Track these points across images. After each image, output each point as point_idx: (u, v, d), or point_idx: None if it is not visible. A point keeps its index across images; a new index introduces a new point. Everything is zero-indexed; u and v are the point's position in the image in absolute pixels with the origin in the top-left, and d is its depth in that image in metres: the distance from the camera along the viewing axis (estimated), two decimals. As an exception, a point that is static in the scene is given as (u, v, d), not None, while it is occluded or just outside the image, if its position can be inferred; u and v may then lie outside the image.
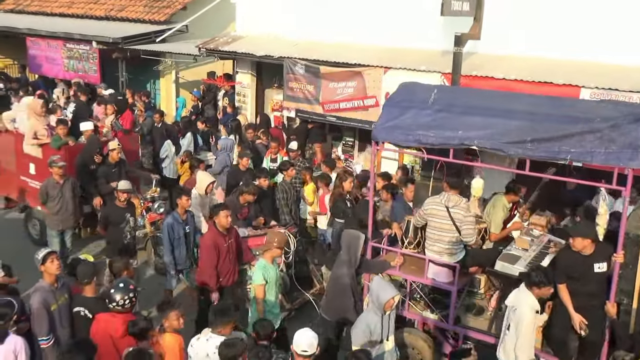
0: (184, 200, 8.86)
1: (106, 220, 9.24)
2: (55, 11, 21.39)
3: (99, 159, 10.84)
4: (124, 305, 6.04)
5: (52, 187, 9.90)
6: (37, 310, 6.39)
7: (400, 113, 7.09)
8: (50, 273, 6.62)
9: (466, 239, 7.25)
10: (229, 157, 13.37)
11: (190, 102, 17.23)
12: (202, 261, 8.07)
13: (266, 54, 14.37)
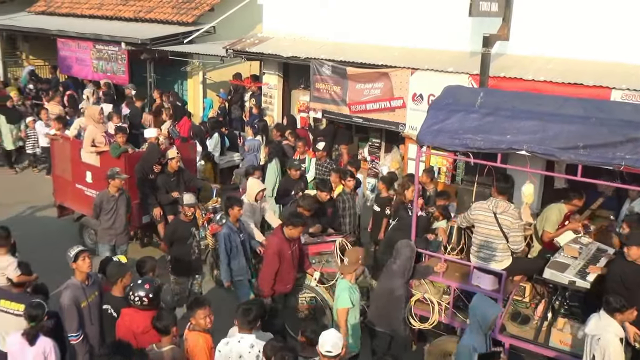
0: (235, 210, 8.32)
1: (172, 237, 8.45)
2: (85, 13, 21.01)
3: (158, 168, 10.17)
4: (142, 302, 5.96)
5: (107, 201, 9.18)
6: (68, 307, 6.29)
7: (446, 117, 6.60)
8: (81, 271, 6.52)
9: (514, 246, 6.74)
10: (256, 158, 12.98)
11: (217, 103, 16.79)
12: (263, 266, 7.64)
13: (293, 55, 13.89)
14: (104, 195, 9.25)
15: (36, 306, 5.96)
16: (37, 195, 13.60)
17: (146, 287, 5.99)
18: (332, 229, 9.30)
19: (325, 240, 8.51)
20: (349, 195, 9.79)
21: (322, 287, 8.10)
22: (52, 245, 10.98)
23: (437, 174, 11.80)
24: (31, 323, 5.91)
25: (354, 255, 6.68)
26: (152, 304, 6.01)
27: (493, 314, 5.55)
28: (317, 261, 8.29)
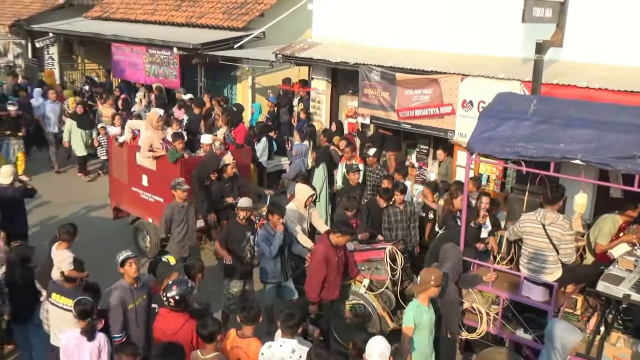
0: (275, 218, 8.33)
1: (226, 239, 8.52)
2: (139, 18, 21.46)
3: (215, 175, 10.21)
4: (169, 303, 6.01)
5: (178, 212, 9.21)
6: (114, 307, 6.49)
7: (497, 124, 6.49)
8: (129, 275, 6.65)
9: (565, 258, 6.58)
10: (304, 163, 13.00)
11: (266, 107, 16.91)
12: (310, 273, 7.62)
13: (342, 61, 13.88)
14: (175, 207, 9.22)
15: (85, 303, 6.13)
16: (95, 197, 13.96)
17: (174, 289, 6.03)
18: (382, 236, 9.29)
19: (375, 248, 8.47)
20: (397, 209, 9.61)
21: (371, 295, 8.07)
22: (106, 246, 11.18)
23: (486, 182, 11.66)
24: (86, 319, 6.05)
25: (426, 276, 6.37)
26: (179, 305, 6.03)
27: (574, 341, 5.35)
28: (367, 268, 8.25)
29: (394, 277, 8.26)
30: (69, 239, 7.81)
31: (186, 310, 6.10)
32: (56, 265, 7.56)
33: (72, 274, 7.03)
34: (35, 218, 11.71)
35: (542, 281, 6.66)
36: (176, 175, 9.92)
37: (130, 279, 6.63)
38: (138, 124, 11.56)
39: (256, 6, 18.33)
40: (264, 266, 8.37)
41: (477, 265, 7.31)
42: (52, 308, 6.78)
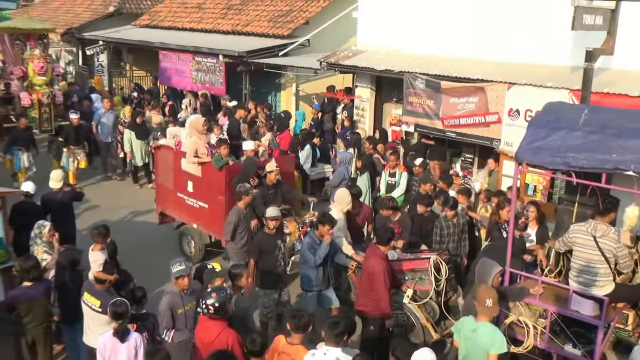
0: (325, 229, 8.22)
1: (259, 249, 8.51)
2: (186, 26, 21.79)
3: (255, 181, 10.23)
4: (208, 310, 5.98)
5: (243, 217, 9.24)
6: (163, 311, 6.67)
7: (547, 134, 6.35)
8: (180, 286, 6.81)
9: (625, 270, 6.39)
10: (347, 170, 12.97)
11: (310, 114, 16.94)
12: (378, 287, 7.43)
13: (386, 68, 13.84)
14: (240, 212, 9.24)
15: (120, 304, 6.25)
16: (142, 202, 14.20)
17: (213, 296, 6.00)
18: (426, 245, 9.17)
19: (419, 257, 8.38)
20: (450, 222, 9.37)
21: (415, 305, 7.98)
22: (152, 251, 11.43)
23: (533, 192, 11.46)
24: (118, 321, 6.17)
25: (484, 295, 6.09)
26: (218, 313, 6.00)
27: None
28: (410, 278, 8.17)
29: (438, 288, 8.16)
30: (102, 240, 7.98)
31: (224, 318, 6.08)
32: (91, 266, 7.74)
33: (99, 276, 7.15)
34: (84, 222, 11.92)
35: (592, 295, 6.48)
36: (221, 182, 10.01)
37: (179, 286, 6.75)
38: (178, 131, 11.70)
39: (301, 14, 18.40)
40: (306, 274, 8.33)
41: (524, 277, 7.16)
42: (85, 307, 6.97)
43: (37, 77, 15.14)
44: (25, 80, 15.22)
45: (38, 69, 15.09)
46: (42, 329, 7.42)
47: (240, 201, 9.30)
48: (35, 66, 15.10)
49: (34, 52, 15.26)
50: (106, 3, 26.03)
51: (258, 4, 20.41)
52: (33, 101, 15.13)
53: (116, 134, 15.93)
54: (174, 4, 24.24)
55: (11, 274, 8.38)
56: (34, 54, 15.24)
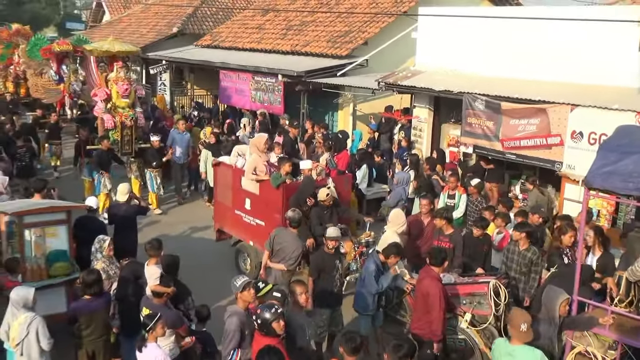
0: (392, 260, 8.12)
1: (317, 268, 8.37)
2: (246, 46, 22.10)
3: (311, 201, 10.15)
4: (258, 326, 5.99)
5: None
6: (233, 332, 6.50)
7: (619, 158, 6.09)
8: (245, 300, 6.72)
9: None
10: (405, 191, 12.82)
11: (367, 134, 16.87)
12: (432, 310, 7.29)
13: (445, 89, 13.68)
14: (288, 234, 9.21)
15: (148, 317, 6.38)
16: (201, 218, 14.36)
17: (260, 312, 6.02)
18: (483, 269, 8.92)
19: (478, 281, 8.16)
20: (516, 248, 8.95)
21: (473, 330, 7.75)
22: (208, 267, 11.50)
23: (596, 217, 11.06)
24: (143, 331, 6.28)
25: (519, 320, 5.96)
26: (262, 330, 6.00)
27: None
28: (468, 302, 7.96)
29: (498, 313, 7.91)
30: (156, 254, 8.05)
31: (274, 335, 6.00)
32: (148, 281, 7.80)
33: (157, 289, 7.19)
34: (145, 236, 12.10)
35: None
36: (278, 200, 10.00)
37: (244, 305, 6.68)
38: (245, 149, 11.76)
39: (360, 34, 18.42)
40: (365, 297, 8.18)
41: (593, 306, 6.85)
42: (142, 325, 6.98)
43: (120, 100, 14.94)
44: (109, 102, 14.99)
45: (122, 91, 14.89)
46: (101, 341, 7.52)
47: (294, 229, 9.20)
48: (120, 88, 14.89)
49: (119, 74, 15.05)
50: (170, 24, 26.68)
51: (317, 25, 20.55)
52: (116, 123, 14.85)
53: (189, 156, 15.76)
54: (235, 25, 24.68)
55: (74, 286, 8.56)
56: (119, 76, 15.03)
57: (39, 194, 10.23)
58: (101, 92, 14.94)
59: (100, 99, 14.90)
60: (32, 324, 6.76)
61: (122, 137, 14.93)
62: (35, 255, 8.48)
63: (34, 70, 18.47)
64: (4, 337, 6.93)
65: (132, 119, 14.93)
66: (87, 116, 17.60)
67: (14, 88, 20.25)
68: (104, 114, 14.92)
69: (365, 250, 10.08)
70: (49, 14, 54.38)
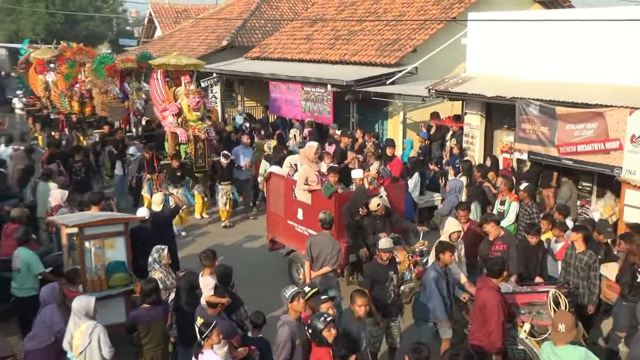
0: (447, 255, 8.06)
1: (370, 279, 8.33)
2: (295, 57, 22.26)
3: (364, 211, 10.18)
4: (308, 334, 6.06)
5: None
6: (284, 342, 6.55)
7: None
8: (295, 310, 6.79)
9: None
10: (457, 198, 12.65)
11: (418, 142, 16.76)
12: (490, 321, 7.16)
13: (497, 95, 13.48)
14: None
15: (204, 325, 6.47)
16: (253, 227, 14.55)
17: (313, 322, 6.07)
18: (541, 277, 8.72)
19: (537, 290, 7.98)
20: (573, 252, 8.82)
21: (532, 340, 7.58)
22: (260, 276, 11.59)
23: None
24: (199, 339, 6.39)
25: (558, 320, 6.00)
26: (314, 340, 6.07)
27: None
28: (527, 312, 7.79)
29: None
30: (210, 264, 8.14)
31: (326, 344, 6.05)
32: (202, 291, 7.87)
33: (211, 300, 7.28)
34: (199, 246, 12.31)
35: None
36: (331, 209, 10.01)
37: (296, 315, 6.76)
38: (296, 159, 11.84)
39: (409, 42, 18.33)
40: (426, 305, 8.10)
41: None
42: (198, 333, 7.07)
43: (191, 113, 14.79)
44: (180, 117, 14.87)
45: (193, 104, 14.74)
46: (159, 349, 7.65)
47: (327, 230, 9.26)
48: (191, 102, 14.74)
49: (190, 87, 14.99)
50: (220, 37, 27.10)
51: (366, 34, 20.56)
52: (189, 137, 14.80)
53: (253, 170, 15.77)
54: (284, 36, 24.90)
55: (132, 297, 8.75)
56: (189, 90, 14.94)
57: (96, 207, 10.51)
58: (172, 107, 14.78)
59: (172, 113, 14.78)
60: (94, 332, 6.93)
61: (196, 151, 14.88)
62: (95, 266, 8.73)
63: (99, 88, 18.75)
64: (67, 347, 7.12)
65: (205, 132, 14.87)
66: (153, 133, 17.69)
67: (79, 107, 20.56)
68: (176, 128, 14.82)
69: (419, 259, 10.00)
70: (103, 31, 56.00)
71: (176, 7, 41.76)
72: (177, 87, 15.07)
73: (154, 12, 40.94)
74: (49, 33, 46.56)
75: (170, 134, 15.06)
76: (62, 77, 21.30)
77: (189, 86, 15.00)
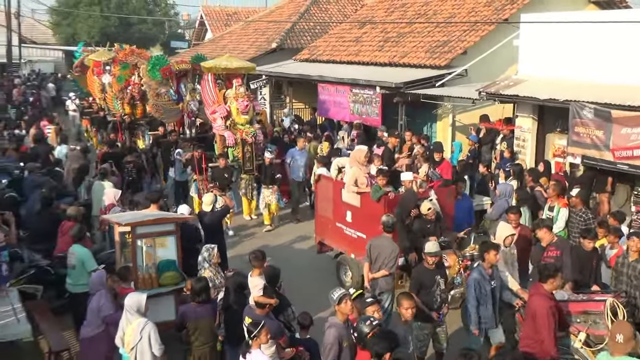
0: (492, 255, 7.93)
1: (417, 283, 8.26)
2: (344, 59, 22.22)
3: (415, 212, 10.14)
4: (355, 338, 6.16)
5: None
6: (331, 344, 6.60)
7: None
8: (343, 313, 6.80)
9: None
10: (508, 203, 12.39)
11: (467, 145, 16.53)
12: (541, 329, 7.01)
13: (550, 97, 13.21)
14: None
15: (253, 324, 6.55)
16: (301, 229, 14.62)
17: (357, 325, 6.16)
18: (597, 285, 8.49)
19: (593, 299, 7.76)
20: (626, 260, 8.58)
21: (588, 351, 7.37)
22: (308, 278, 11.61)
23: None
24: (247, 338, 6.48)
25: (616, 330, 5.85)
26: (359, 343, 6.12)
27: None
28: (583, 321, 7.57)
29: None
30: (259, 265, 8.21)
31: (365, 349, 6.05)
32: (251, 292, 7.96)
33: (260, 300, 7.33)
34: (247, 247, 12.42)
35: None
36: (380, 212, 9.95)
37: (343, 317, 6.76)
38: (344, 161, 11.82)
39: (459, 44, 18.09)
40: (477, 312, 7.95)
41: None
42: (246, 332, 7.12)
43: (240, 116, 14.78)
44: (228, 120, 14.87)
45: (242, 107, 14.69)
46: (207, 347, 7.73)
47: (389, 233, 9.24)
48: (240, 105, 14.69)
49: (239, 90, 14.92)
50: (269, 40, 27.28)
51: (415, 36, 20.39)
52: (237, 140, 14.76)
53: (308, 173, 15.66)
54: (332, 39, 24.91)
55: (182, 294, 8.87)
56: (239, 93, 14.88)
57: (155, 205, 10.72)
58: (221, 109, 14.82)
59: (221, 115, 14.81)
60: (145, 329, 7.06)
61: (244, 155, 14.87)
62: (146, 264, 8.87)
63: (153, 90, 19.03)
64: (119, 342, 7.27)
65: (252, 136, 14.86)
66: (206, 135, 17.86)
67: (130, 109, 20.93)
68: (224, 131, 14.85)
69: (469, 263, 9.85)
70: (155, 33, 57.01)
71: (227, 10, 42.30)
72: (228, 89, 15.09)
73: (205, 15, 41.55)
74: (103, 36, 47.86)
75: (219, 136, 15.16)
76: (114, 79, 21.70)
77: (238, 89, 14.98)
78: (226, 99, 15.04)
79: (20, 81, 37.38)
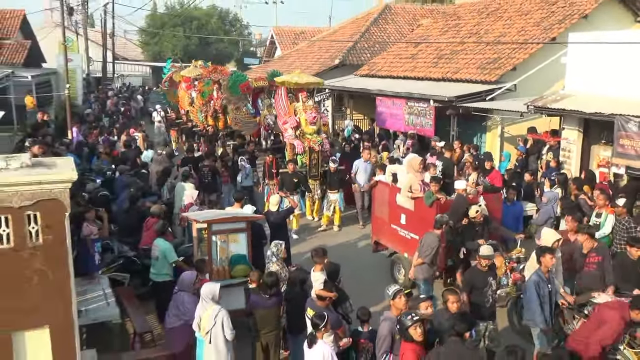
0: (547, 258, 7.76)
1: (469, 284, 8.11)
2: (400, 74, 22.11)
3: (465, 220, 10.06)
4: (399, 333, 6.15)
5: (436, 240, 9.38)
6: (384, 336, 6.65)
7: None
8: (397, 307, 6.76)
9: None
10: (553, 209, 12.09)
11: (515, 155, 16.18)
12: (606, 339, 6.87)
13: (596, 111, 12.78)
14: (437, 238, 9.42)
15: (318, 317, 6.63)
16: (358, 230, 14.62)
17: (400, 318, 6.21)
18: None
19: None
20: None
21: (631, 352, 7.09)
22: (364, 275, 11.59)
23: None
24: (313, 330, 6.53)
25: None
26: (402, 335, 6.18)
27: None
28: (627, 325, 7.30)
29: None
30: (320, 261, 8.21)
31: (411, 341, 6.08)
32: (313, 285, 8.02)
33: (321, 293, 7.38)
34: (309, 244, 12.52)
35: None
36: (432, 216, 9.88)
37: (397, 312, 6.71)
38: (396, 168, 11.77)
39: (509, 60, 17.73)
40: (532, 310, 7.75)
41: None
42: (308, 321, 7.20)
43: (308, 127, 14.94)
44: (298, 129, 15.04)
45: (311, 119, 14.87)
46: (273, 335, 7.85)
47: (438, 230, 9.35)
48: (308, 116, 14.87)
49: (307, 103, 15.11)
50: (332, 57, 27.40)
51: (467, 53, 20.09)
52: (305, 149, 14.93)
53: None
54: (390, 55, 24.81)
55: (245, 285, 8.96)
56: (307, 105, 15.06)
57: (239, 203, 10.96)
58: (292, 120, 15.04)
59: (291, 126, 15.03)
60: (219, 315, 7.21)
61: (310, 161, 15.02)
62: (220, 258, 9.06)
63: (233, 104, 19.32)
64: (196, 327, 7.45)
65: (319, 144, 15.00)
66: (280, 145, 18.10)
67: (213, 121, 21.41)
68: (294, 140, 15.04)
69: (516, 265, 9.65)
70: (230, 51, 58.23)
71: (295, 30, 42.73)
72: (298, 102, 15.26)
73: (276, 35, 42.10)
74: (185, 53, 49.20)
75: (289, 145, 15.31)
76: (199, 94, 22.21)
77: (307, 102, 15.12)
78: (296, 111, 15.20)
79: (113, 93, 38.64)
